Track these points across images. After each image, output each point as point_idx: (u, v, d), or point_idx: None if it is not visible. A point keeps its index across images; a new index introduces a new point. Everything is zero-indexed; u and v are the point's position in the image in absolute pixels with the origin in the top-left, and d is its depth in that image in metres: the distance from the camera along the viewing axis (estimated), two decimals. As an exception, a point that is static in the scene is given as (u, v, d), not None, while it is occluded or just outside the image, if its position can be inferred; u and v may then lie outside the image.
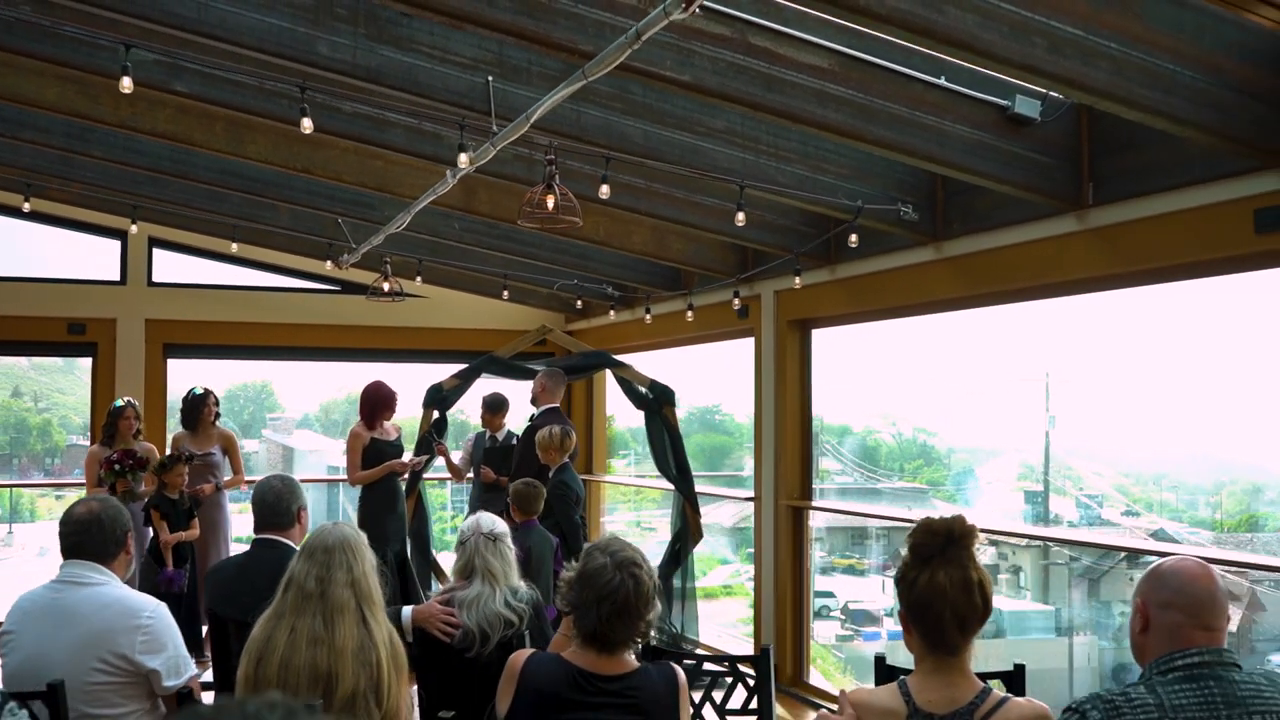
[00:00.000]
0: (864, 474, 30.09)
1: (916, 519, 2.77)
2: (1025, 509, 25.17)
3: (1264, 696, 2.50)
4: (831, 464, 31.31)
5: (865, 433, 31.63)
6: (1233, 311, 15.27)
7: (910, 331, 7.49)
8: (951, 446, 28.20)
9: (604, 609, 2.88)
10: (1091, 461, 24.46)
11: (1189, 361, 22.58)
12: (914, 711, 2.66)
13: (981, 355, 27.05)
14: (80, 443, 18.93)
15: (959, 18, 3.83)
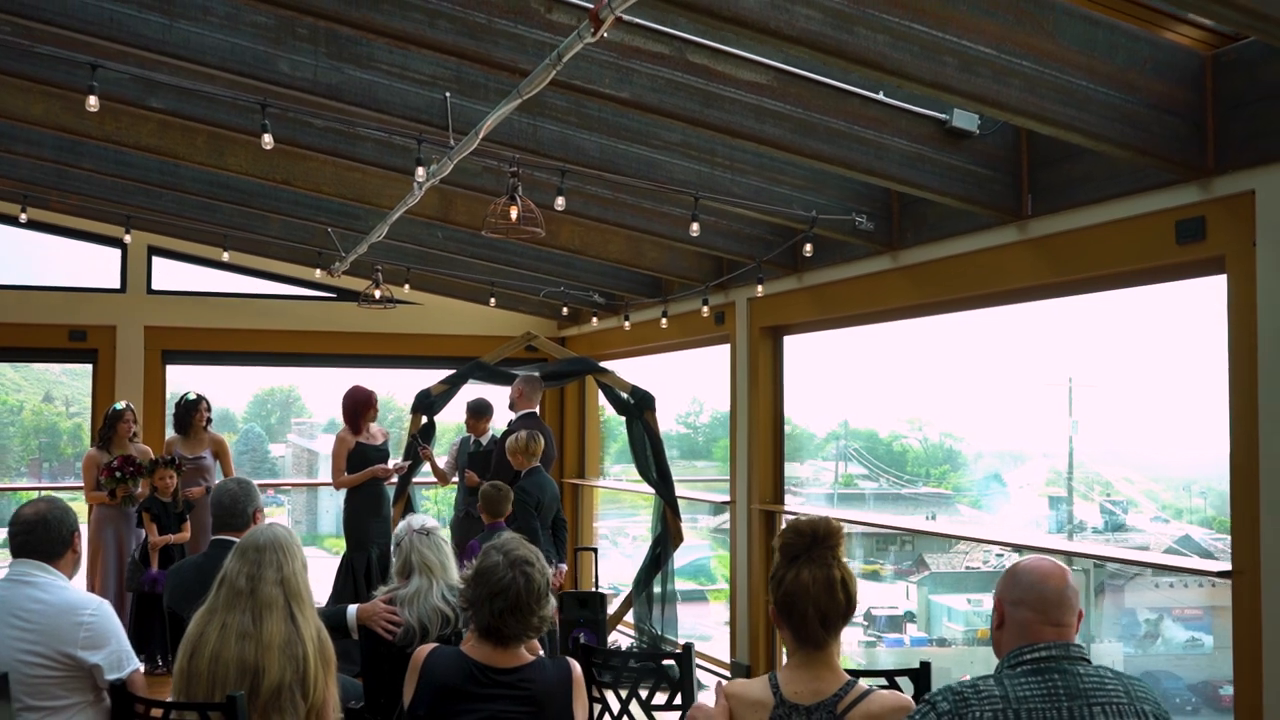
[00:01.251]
0: (890, 479, 30.00)
1: (898, 525, 2.93)
2: (1050, 515, 25.06)
3: (1106, 689, 2.64)
4: (857, 469, 31.22)
5: (892, 437, 31.51)
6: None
7: (935, 334, 7.54)
8: (980, 451, 28.07)
9: (497, 605, 3.05)
10: (1120, 467, 24.30)
11: (1221, 364, 22.41)
12: (780, 702, 2.82)
13: (1006, 358, 26.91)
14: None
15: (869, 38, 3.98)
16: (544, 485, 7.38)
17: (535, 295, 9.84)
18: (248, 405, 29.77)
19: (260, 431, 27.18)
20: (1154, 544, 21.78)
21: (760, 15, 3.84)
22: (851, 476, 30.92)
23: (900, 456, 30.58)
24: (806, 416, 31.70)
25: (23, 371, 22.37)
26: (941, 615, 26.42)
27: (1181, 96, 4.46)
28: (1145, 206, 4.80)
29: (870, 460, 30.28)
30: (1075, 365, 18.86)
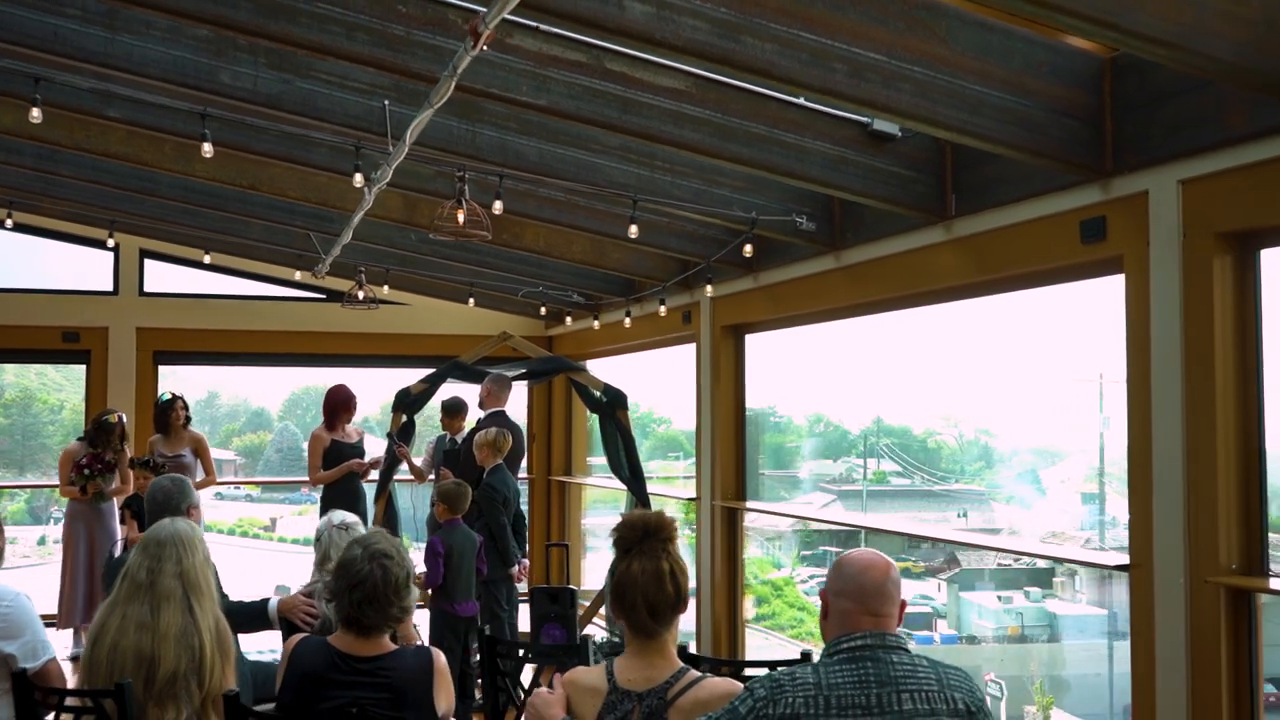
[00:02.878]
0: (924, 476, 29.91)
1: (870, 524, 3.05)
2: (1083, 512, 24.92)
3: (918, 677, 2.75)
4: (890, 465, 31.04)
5: (926, 434, 31.33)
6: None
7: (970, 327, 7.39)
8: (1015, 448, 27.88)
9: (355, 595, 3.19)
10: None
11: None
12: (614, 689, 2.95)
13: (1038, 354, 26.68)
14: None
15: (756, 46, 4.08)
16: (508, 482, 7.52)
17: (514, 295, 9.98)
18: (283, 404, 30.13)
19: (295, 430, 27.54)
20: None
21: (646, 26, 3.97)
22: (884, 473, 30.80)
23: (935, 453, 30.44)
24: (840, 413, 31.50)
25: (64, 372, 22.82)
26: (971, 613, 26.34)
27: (1080, 99, 4.53)
28: (1054, 207, 4.88)
29: (903, 457, 30.18)
30: (1105, 361, 18.71)
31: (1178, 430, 4.23)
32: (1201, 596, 4.14)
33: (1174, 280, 4.26)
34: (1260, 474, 4.11)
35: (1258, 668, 4.07)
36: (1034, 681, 23.74)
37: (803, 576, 29.65)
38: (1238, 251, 4.16)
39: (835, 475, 31.21)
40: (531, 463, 11.99)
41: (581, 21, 3.91)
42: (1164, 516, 4.29)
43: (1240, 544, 4.11)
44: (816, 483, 30.34)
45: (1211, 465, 4.11)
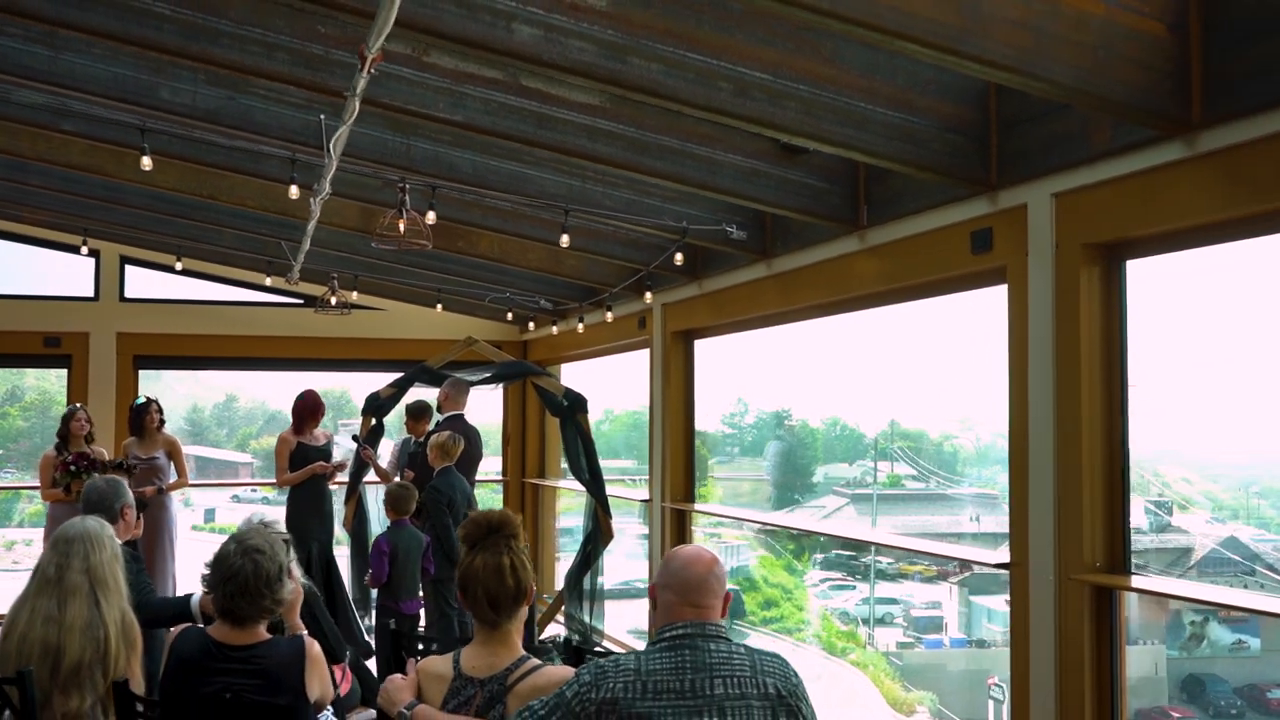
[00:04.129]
0: (939, 480, 29.92)
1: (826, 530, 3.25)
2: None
3: (732, 664, 2.94)
4: (905, 469, 31.03)
5: (943, 438, 31.29)
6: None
7: (984, 329, 7.44)
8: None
9: (228, 588, 3.40)
10: (1179, 467, 23.99)
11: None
12: (458, 675, 3.15)
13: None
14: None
15: (643, 67, 4.28)
16: (455, 484, 7.71)
17: (481, 301, 10.19)
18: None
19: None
20: (1198, 545, 21.56)
21: (534, 49, 4.17)
22: (899, 476, 30.81)
23: (951, 457, 30.42)
24: (857, 417, 31.43)
25: None
26: (981, 616, 26.36)
27: (966, 116, 4.71)
28: (949, 219, 5.06)
29: (916, 460, 30.18)
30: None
31: (1049, 434, 4.41)
32: (1067, 594, 4.31)
33: (1048, 290, 4.44)
34: (1123, 476, 4.28)
35: (1120, 663, 4.24)
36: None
37: (814, 580, 29.68)
38: (1105, 262, 4.33)
39: (850, 479, 31.24)
40: (506, 465, 12.21)
41: (470, 44, 4.11)
42: (1037, 516, 4.47)
43: (1104, 543, 4.28)
44: (831, 486, 30.41)
45: (1077, 468, 4.28)
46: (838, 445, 31.75)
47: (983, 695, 25.04)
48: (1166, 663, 20.42)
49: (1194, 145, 3.80)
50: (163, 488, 9.01)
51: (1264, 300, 22.68)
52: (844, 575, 29.25)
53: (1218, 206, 3.76)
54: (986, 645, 26.13)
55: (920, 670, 26.73)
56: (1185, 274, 9.03)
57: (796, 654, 25.76)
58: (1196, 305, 22.83)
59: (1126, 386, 4.30)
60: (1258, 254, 7.69)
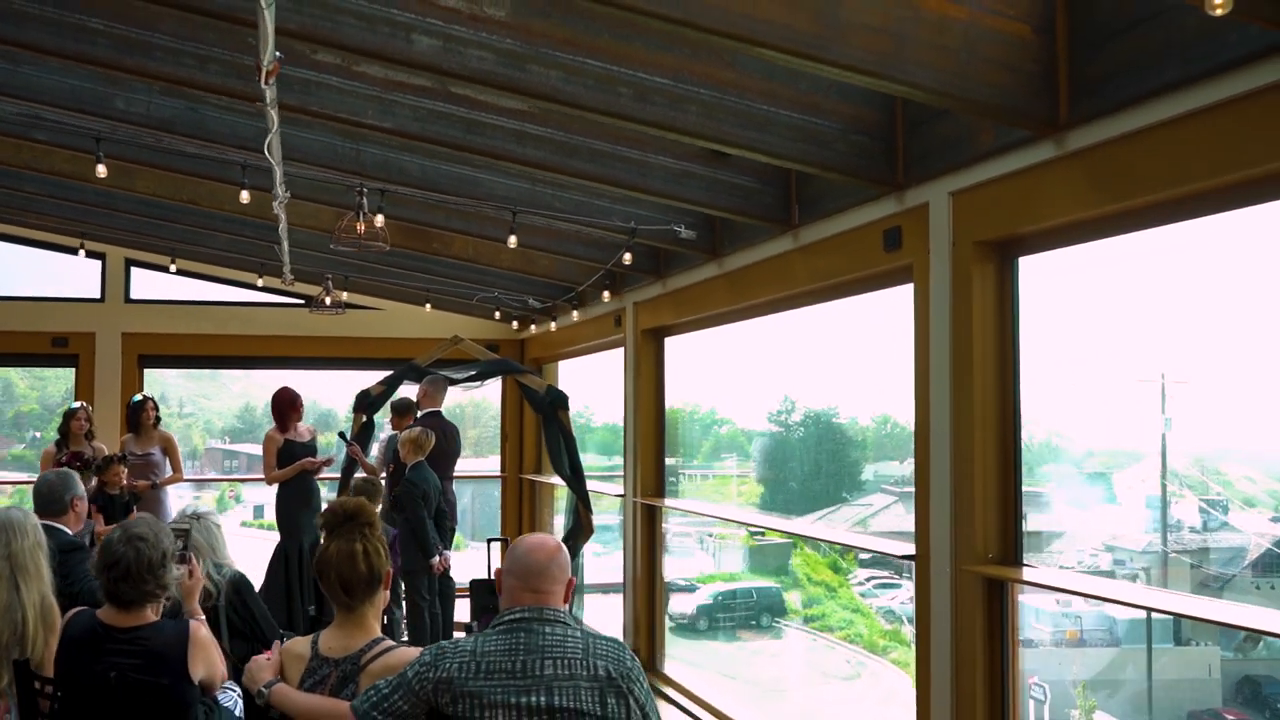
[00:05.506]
0: None
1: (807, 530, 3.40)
2: (1146, 516, 24.59)
3: (565, 647, 3.08)
4: None
5: None
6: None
7: (1038, 327, 7.41)
8: (1090, 449, 27.55)
9: (112, 574, 3.59)
10: (1242, 465, 23.54)
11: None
12: (315, 655, 3.31)
13: (1104, 353, 26.34)
14: (218, 446, 20.59)
15: (542, 74, 4.42)
16: (428, 478, 7.90)
17: (469, 300, 10.37)
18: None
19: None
20: (1253, 544, 21.19)
21: (433, 58, 4.33)
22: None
23: None
24: (908, 414, 31.42)
25: (144, 374, 23.82)
26: (1029, 616, 26.15)
27: (871, 117, 4.80)
28: (865, 217, 5.14)
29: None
30: (1166, 360, 18.42)
31: (945, 427, 4.49)
32: (961, 585, 4.39)
33: (945, 287, 4.52)
34: (1015, 467, 4.35)
35: (1011, 654, 4.31)
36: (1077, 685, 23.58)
37: (860, 579, 29.58)
38: (998, 259, 4.40)
39: (900, 477, 31.10)
40: (504, 461, 12.41)
41: (369, 54, 4.28)
42: (937, 508, 4.55)
43: (997, 535, 4.36)
44: (880, 484, 30.28)
45: (970, 460, 4.36)
46: (888, 443, 31.64)
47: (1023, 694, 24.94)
48: (1221, 664, 20.08)
49: (1063, 144, 3.87)
50: (156, 483, 9.29)
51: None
52: (891, 574, 29.17)
53: (1086, 204, 3.82)
54: (1033, 645, 25.88)
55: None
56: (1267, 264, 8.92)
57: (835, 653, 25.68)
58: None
59: (1019, 381, 4.37)
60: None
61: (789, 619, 26.91)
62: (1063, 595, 27.37)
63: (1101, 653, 24.64)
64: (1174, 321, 13.94)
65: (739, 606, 23.40)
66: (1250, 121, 3.18)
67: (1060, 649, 26.06)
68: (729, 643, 22.94)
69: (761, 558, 23.89)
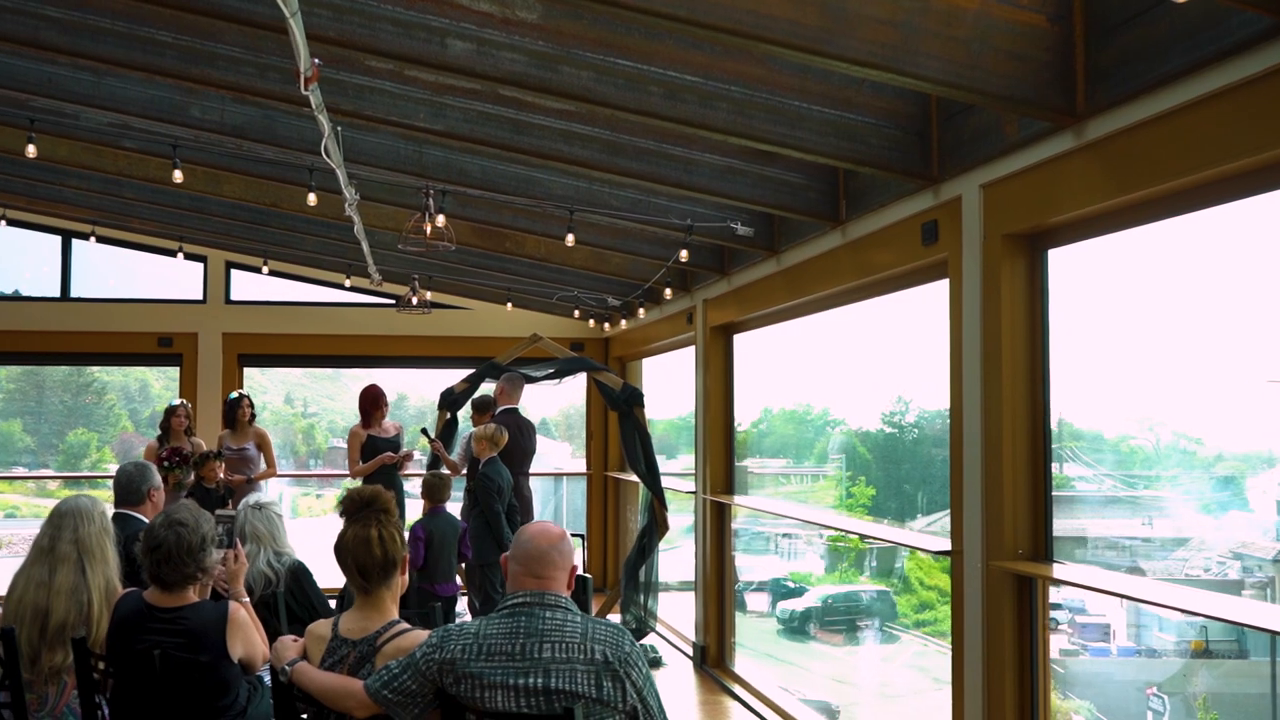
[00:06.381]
0: (1115, 482, 29.09)
1: (893, 537, 3.56)
2: (1277, 520, 23.87)
3: (564, 631, 3.18)
4: (1078, 470, 30.33)
5: (1120, 438, 30.41)
6: None
7: (1175, 326, 7.22)
8: (1221, 453, 26.77)
9: (154, 556, 3.81)
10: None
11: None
12: (335, 636, 3.47)
13: (1238, 352, 25.57)
14: (340, 445, 21.30)
15: (573, 75, 4.53)
16: (501, 473, 8.08)
17: (549, 299, 10.55)
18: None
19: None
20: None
21: (467, 62, 4.47)
22: (1068, 478, 30.13)
23: (1129, 457, 29.54)
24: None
25: (270, 375, 24.70)
26: (1153, 625, 25.50)
27: (905, 110, 4.79)
28: (905, 212, 5.13)
29: (1084, 459, 29.41)
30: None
31: (977, 423, 4.46)
32: (991, 581, 4.36)
33: (976, 281, 4.49)
34: (1045, 463, 4.30)
35: (1040, 652, 4.27)
36: (1198, 698, 22.88)
37: (977, 583, 29.14)
38: (1028, 252, 4.36)
39: None
40: (589, 459, 12.58)
41: (404, 59, 4.44)
42: (970, 504, 4.53)
43: (1028, 531, 4.32)
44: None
45: (999, 456, 4.33)
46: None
47: (1142, 705, 24.24)
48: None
49: (1082, 134, 3.83)
50: (251, 477, 9.68)
51: None
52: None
53: (1104, 194, 3.78)
54: (1157, 655, 25.15)
55: (1081, 678, 25.99)
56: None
57: (947, 659, 25.29)
58: None
59: (1048, 376, 4.32)
60: None
61: (900, 623, 26.62)
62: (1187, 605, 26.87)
63: (1228, 665, 23.86)
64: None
65: (849, 610, 23.24)
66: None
67: (1183, 660, 25.33)
68: (838, 646, 22.79)
69: (872, 560, 23.62)
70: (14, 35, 5.10)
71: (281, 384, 26.05)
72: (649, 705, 3.19)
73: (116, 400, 20.39)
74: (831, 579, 22.22)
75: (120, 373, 18.51)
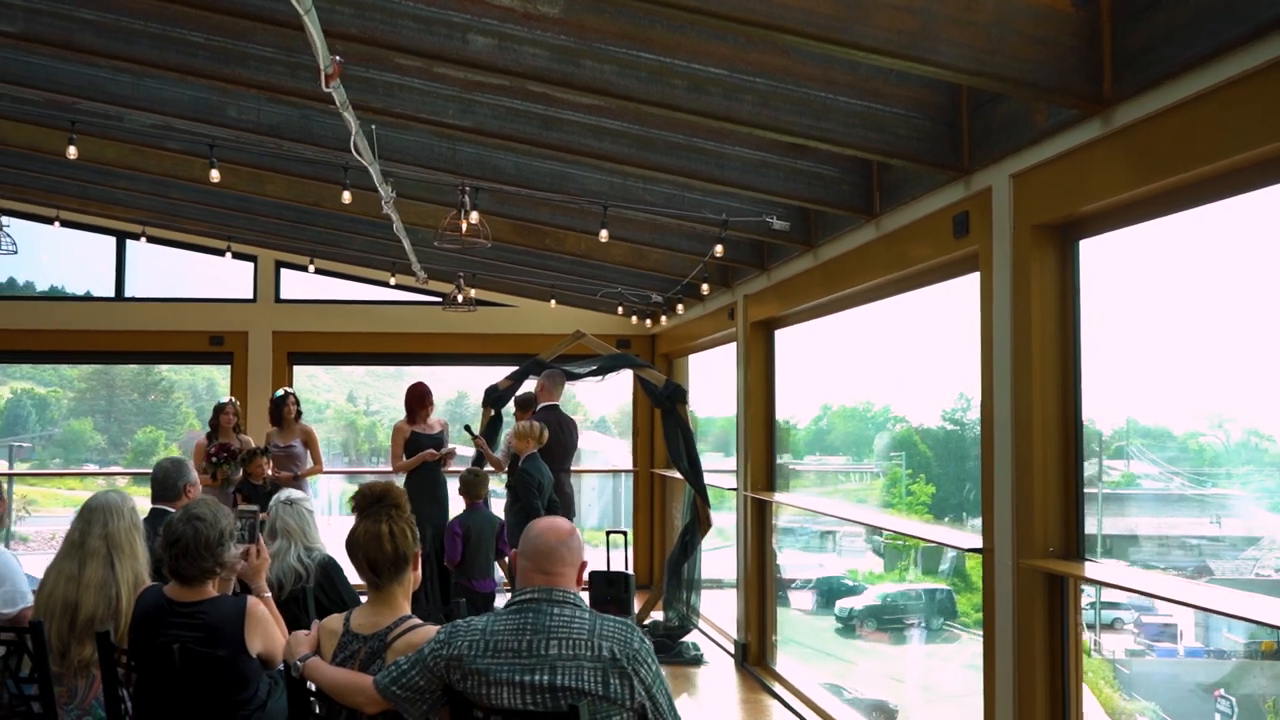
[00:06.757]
0: (1183, 480, 28.56)
1: (924, 535, 3.56)
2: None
3: (571, 628, 3.16)
4: (1144, 467, 29.77)
5: (1188, 435, 29.83)
6: None
7: (1246, 319, 6.97)
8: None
9: (173, 551, 3.84)
10: None
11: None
12: (346, 631, 3.47)
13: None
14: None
15: (595, 69, 4.50)
16: (541, 469, 8.08)
17: (593, 296, 10.54)
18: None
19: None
20: None
21: (489, 57, 4.47)
22: (1134, 476, 29.57)
23: (1197, 455, 28.95)
24: (1095, 413, 30.44)
25: (333, 374, 25.02)
26: (1222, 625, 24.99)
27: (934, 99, 4.70)
28: (939, 203, 5.03)
29: (1155, 459, 28.87)
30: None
31: (1007, 419, 4.37)
32: (1022, 580, 4.27)
33: (1006, 273, 4.40)
34: (1077, 460, 4.20)
35: (1071, 652, 4.17)
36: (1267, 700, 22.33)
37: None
38: (1058, 243, 4.26)
39: (1087, 476, 30.13)
40: (635, 456, 12.56)
41: (426, 55, 4.44)
42: (1000, 501, 4.43)
43: (1059, 529, 4.21)
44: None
45: (1029, 452, 4.23)
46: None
47: (1209, 707, 23.72)
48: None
49: (1110, 121, 3.72)
50: (298, 474, 9.78)
51: None
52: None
53: (1133, 182, 3.67)
54: (1226, 656, 24.61)
55: (1146, 679, 25.49)
56: None
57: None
58: None
59: (1080, 370, 4.22)
60: None
61: (961, 622, 26.32)
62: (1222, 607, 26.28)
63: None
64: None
65: (908, 608, 23.01)
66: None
67: (1254, 661, 24.78)
68: (896, 645, 22.56)
69: (933, 559, 23.34)
70: (49, 38, 5.18)
71: (345, 383, 26.33)
72: (658, 703, 3.15)
73: (184, 399, 20.71)
74: (891, 577, 22.01)
75: (188, 371, 18.77)
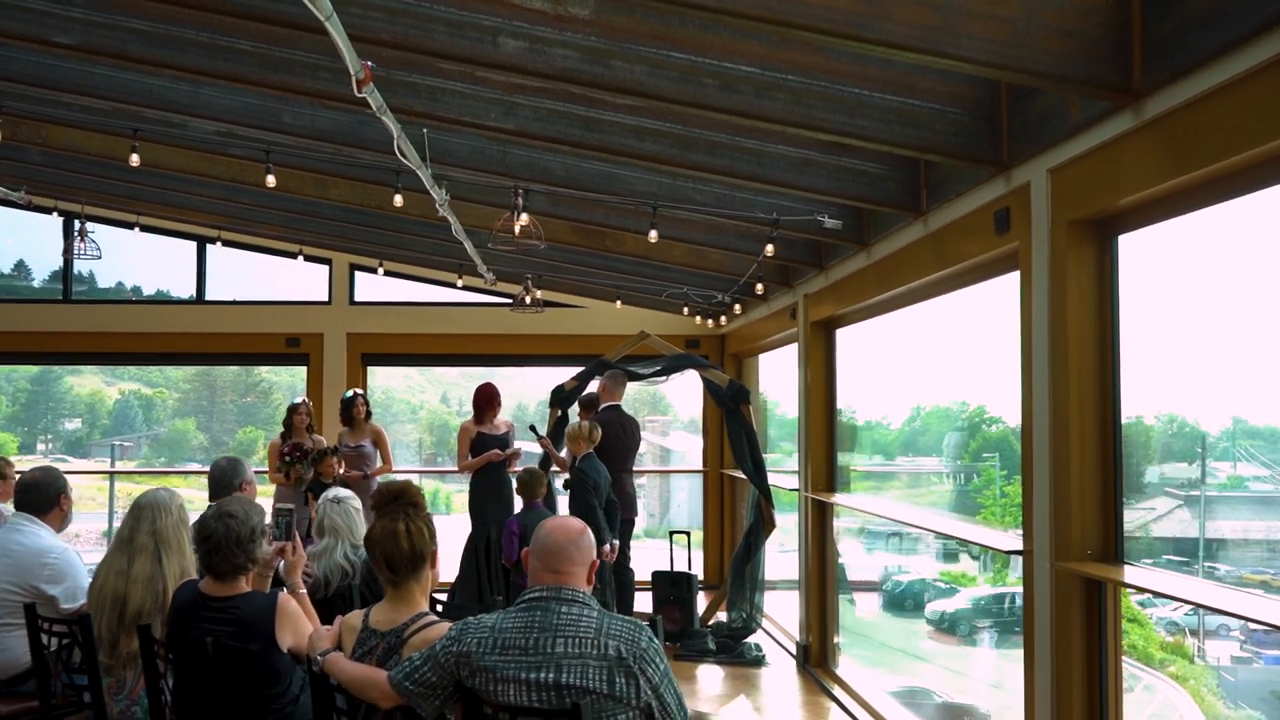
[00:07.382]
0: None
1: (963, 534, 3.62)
2: None
3: (578, 626, 3.17)
4: (1253, 469, 29.02)
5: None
6: None
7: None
8: None
9: (206, 547, 3.94)
10: None
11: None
12: (365, 627, 3.53)
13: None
14: None
15: (626, 69, 4.51)
16: (597, 468, 8.11)
17: (658, 296, 10.54)
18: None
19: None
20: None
21: (519, 60, 4.50)
22: (1241, 478, 28.83)
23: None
24: (1197, 413, 29.76)
25: (427, 375, 25.42)
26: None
27: (971, 94, 4.61)
28: (981, 199, 4.94)
29: (1259, 458, 28.16)
30: None
31: (1045, 419, 4.27)
32: (1060, 583, 4.16)
33: (1044, 270, 4.30)
34: (1116, 461, 4.08)
35: (1109, 655, 4.06)
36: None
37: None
38: (1096, 239, 4.15)
39: (1186, 479, 29.48)
40: (705, 456, 12.54)
41: (457, 59, 4.48)
42: (1039, 503, 4.33)
43: (1097, 531, 4.11)
44: (1164, 487, 28.82)
45: (1066, 453, 4.13)
46: (1174, 443, 30.15)
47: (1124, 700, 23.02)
48: None
49: (1141, 112, 3.61)
50: (367, 473, 9.95)
51: None
52: (1176, 583, 27.70)
53: (1167, 173, 3.56)
54: (1280, 660, 23.86)
55: (1253, 688, 24.72)
56: None
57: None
58: None
59: (1119, 369, 4.10)
60: None
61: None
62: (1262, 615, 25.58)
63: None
64: None
65: (1001, 612, 22.54)
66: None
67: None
68: (990, 649, 22.12)
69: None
70: (104, 49, 5.34)
71: (438, 384, 26.70)
72: (665, 702, 3.14)
73: (282, 400, 21.27)
74: (988, 579, 21.59)
75: (288, 373, 19.16)
